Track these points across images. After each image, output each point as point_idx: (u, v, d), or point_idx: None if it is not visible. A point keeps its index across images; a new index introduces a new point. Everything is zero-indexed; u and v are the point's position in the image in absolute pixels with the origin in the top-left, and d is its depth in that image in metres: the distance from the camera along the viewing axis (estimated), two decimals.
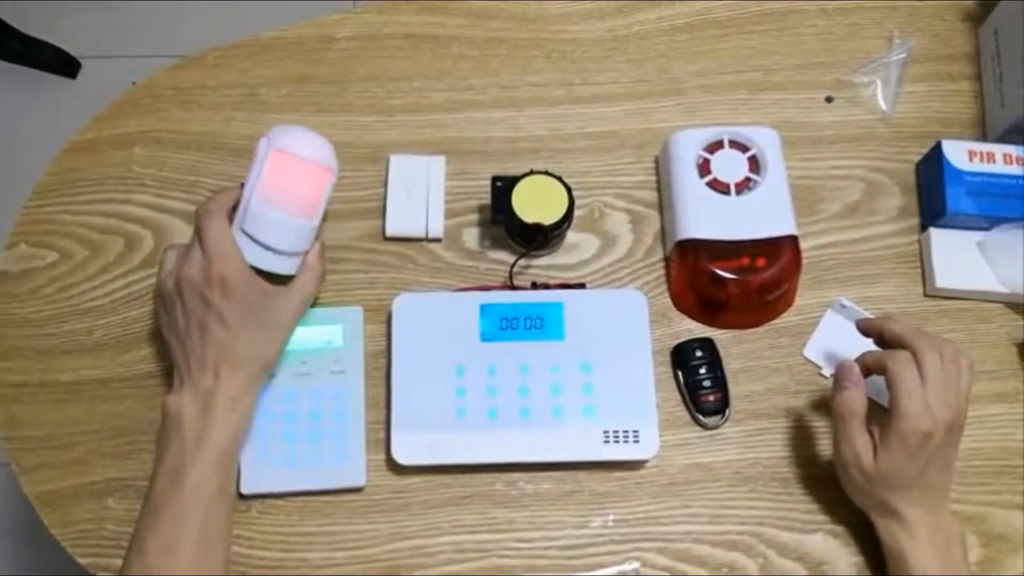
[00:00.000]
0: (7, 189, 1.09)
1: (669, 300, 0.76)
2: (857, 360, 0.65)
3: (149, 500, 0.61)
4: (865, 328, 0.68)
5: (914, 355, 0.62)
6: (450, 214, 0.77)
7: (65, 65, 1.68)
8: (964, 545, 0.64)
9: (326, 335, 0.71)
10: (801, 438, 0.72)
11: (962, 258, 0.75)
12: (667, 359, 0.73)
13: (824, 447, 0.71)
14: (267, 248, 0.64)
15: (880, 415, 0.65)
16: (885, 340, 0.66)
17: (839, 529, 0.69)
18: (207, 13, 1.70)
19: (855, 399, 0.63)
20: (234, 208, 0.65)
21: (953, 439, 0.62)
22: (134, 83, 0.83)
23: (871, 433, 0.63)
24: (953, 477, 0.64)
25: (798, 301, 0.75)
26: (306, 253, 0.68)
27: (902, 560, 0.63)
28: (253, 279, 0.63)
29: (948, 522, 0.64)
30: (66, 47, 1.68)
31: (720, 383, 0.72)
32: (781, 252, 0.72)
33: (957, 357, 0.62)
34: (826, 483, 0.70)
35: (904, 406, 0.61)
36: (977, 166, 0.75)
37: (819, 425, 0.72)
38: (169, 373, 0.72)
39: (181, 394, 0.62)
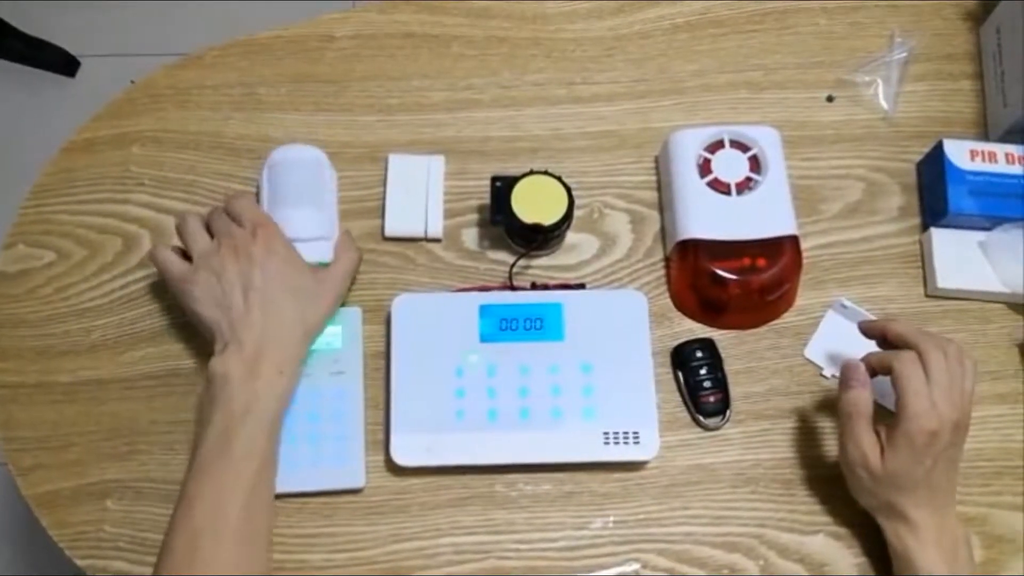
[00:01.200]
0: (5, 188, 1.09)
1: (669, 300, 0.75)
2: (862, 360, 0.65)
3: (196, 462, 0.61)
4: (867, 330, 0.67)
5: (919, 355, 0.62)
6: (449, 214, 0.77)
7: (64, 64, 1.68)
8: (970, 547, 0.64)
9: (325, 336, 0.71)
10: (802, 439, 0.71)
11: (964, 258, 0.75)
12: (667, 360, 0.73)
13: (825, 448, 0.71)
14: (293, 241, 0.69)
15: (885, 417, 0.64)
16: (888, 341, 0.66)
17: (840, 531, 0.69)
18: (206, 12, 1.70)
19: (861, 398, 0.63)
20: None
21: (958, 439, 0.62)
22: (133, 82, 0.82)
23: (877, 433, 0.63)
24: (958, 478, 0.64)
25: (799, 301, 0.75)
26: (331, 241, 0.72)
27: (909, 562, 0.62)
28: (293, 248, 0.67)
29: (954, 524, 0.63)
30: (65, 46, 1.68)
31: (720, 384, 0.71)
32: (782, 252, 0.72)
33: (961, 357, 0.62)
34: (827, 484, 0.70)
35: (911, 405, 0.60)
36: (979, 166, 0.75)
37: (820, 426, 0.72)
38: (168, 374, 0.72)
39: (226, 357, 0.62)
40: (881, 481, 0.63)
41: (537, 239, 0.73)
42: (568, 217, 0.72)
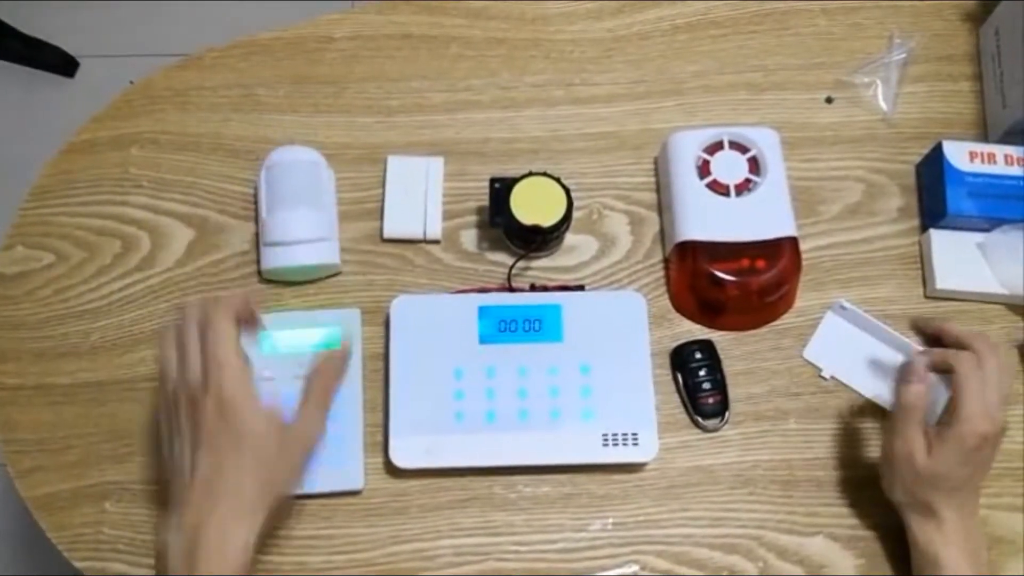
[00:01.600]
0: (4, 189, 1.09)
1: (668, 302, 0.75)
2: (921, 356, 0.65)
3: None
4: (922, 328, 0.68)
5: (977, 357, 0.62)
6: (448, 215, 0.77)
7: (63, 64, 1.67)
8: (987, 552, 0.64)
9: (324, 337, 0.71)
10: (801, 441, 0.71)
11: (963, 259, 0.74)
12: (666, 361, 0.73)
13: (824, 450, 0.71)
14: (292, 243, 0.70)
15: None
16: (943, 341, 0.66)
17: (839, 532, 0.69)
18: (205, 12, 1.69)
19: (920, 394, 0.63)
20: (245, 322, 0.59)
21: (999, 444, 0.63)
22: (132, 82, 0.82)
23: (926, 432, 0.63)
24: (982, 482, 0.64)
25: (798, 303, 0.75)
26: (330, 242, 0.72)
27: (934, 562, 0.63)
28: (254, 400, 0.55)
29: (978, 533, 0.64)
30: (64, 46, 1.68)
31: (720, 385, 0.71)
32: (781, 254, 0.72)
33: (1008, 361, 0.64)
34: (826, 486, 0.70)
35: (968, 406, 0.60)
36: (978, 167, 0.75)
37: (819, 427, 0.72)
38: None
39: (167, 527, 0.54)
40: (923, 479, 0.62)
41: (536, 240, 0.73)
42: (567, 218, 0.72)
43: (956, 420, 0.61)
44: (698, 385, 0.71)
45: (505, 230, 0.75)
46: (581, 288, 0.74)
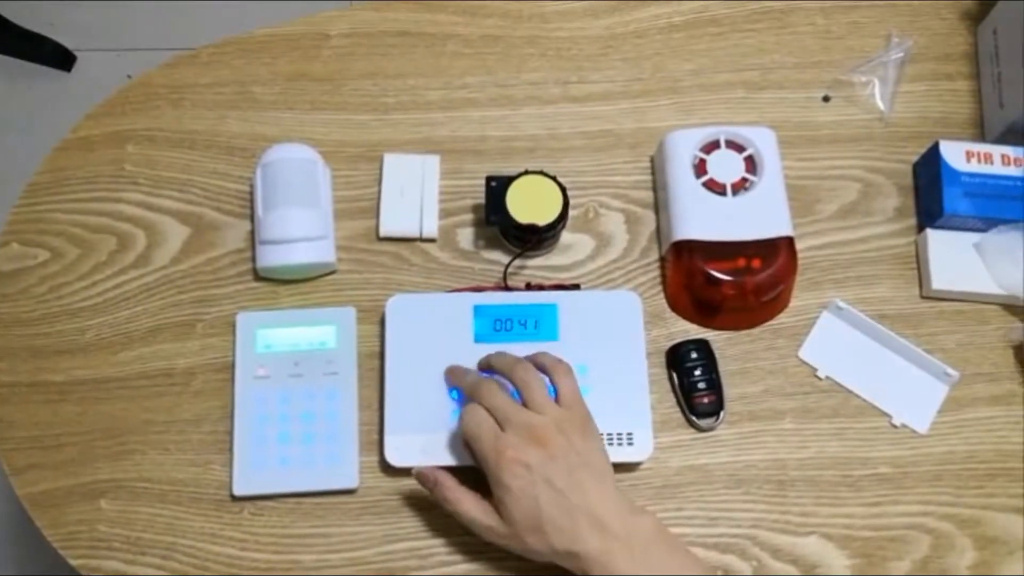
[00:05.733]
0: (1, 185, 1.09)
1: (664, 301, 0.75)
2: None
3: None
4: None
5: (477, 397, 0.62)
6: (444, 214, 0.77)
7: (60, 58, 1.67)
8: (662, 539, 0.58)
9: (319, 336, 0.71)
10: (796, 440, 0.71)
11: (959, 260, 0.74)
12: (662, 360, 0.73)
13: (819, 450, 0.71)
14: (288, 242, 0.71)
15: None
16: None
17: (833, 532, 0.69)
18: (203, 7, 1.69)
19: (448, 495, 0.62)
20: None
21: (570, 444, 0.59)
22: (129, 76, 0.82)
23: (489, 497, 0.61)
24: (606, 479, 0.60)
25: (794, 302, 0.75)
26: (326, 240, 0.73)
27: None
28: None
29: (630, 531, 0.57)
30: (61, 40, 1.67)
31: (715, 385, 0.71)
32: (777, 253, 0.72)
33: (548, 370, 0.63)
34: (821, 486, 0.70)
35: (479, 452, 0.60)
36: (975, 167, 0.75)
37: (814, 427, 0.72)
38: (161, 374, 0.72)
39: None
40: (518, 536, 0.59)
41: (532, 239, 0.73)
42: (563, 217, 0.72)
43: (487, 473, 0.60)
44: (693, 385, 0.71)
45: (501, 229, 0.74)
46: (577, 287, 0.74)
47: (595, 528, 0.57)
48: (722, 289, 0.71)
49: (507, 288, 0.73)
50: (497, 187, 0.72)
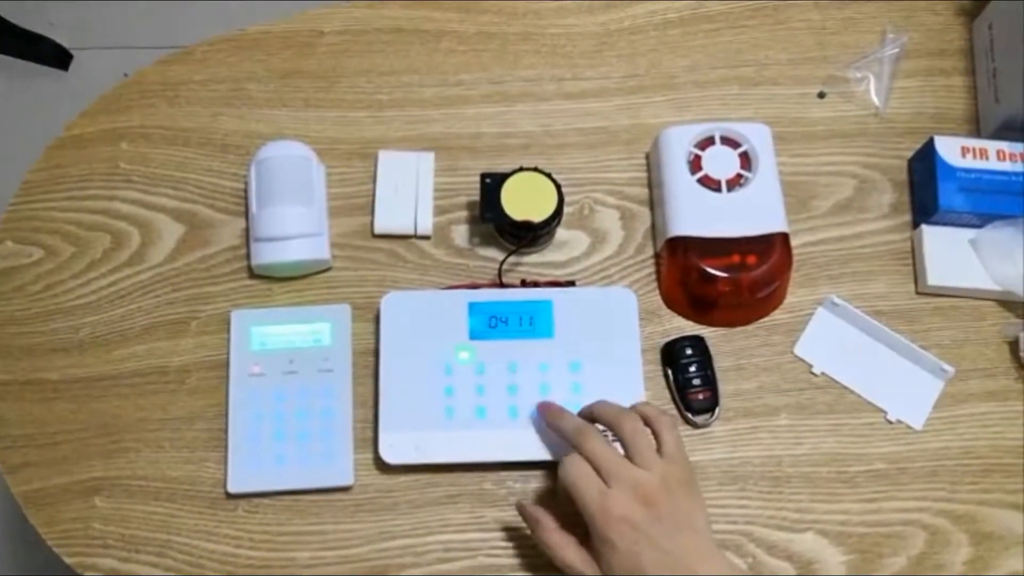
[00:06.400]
0: None
1: (659, 298, 0.75)
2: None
3: None
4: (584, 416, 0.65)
5: (583, 452, 0.60)
6: (439, 211, 0.77)
7: (57, 57, 1.67)
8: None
9: (314, 333, 0.71)
10: (791, 437, 0.71)
11: (954, 255, 0.74)
12: (657, 357, 0.73)
13: (814, 446, 0.71)
14: (283, 239, 0.71)
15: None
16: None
17: (829, 528, 0.69)
18: (200, 5, 1.69)
19: (551, 542, 0.61)
20: None
21: (664, 503, 0.58)
22: (126, 75, 0.82)
23: (585, 543, 0.60)
24: (703, 533, 0.59)
25: (789, 299, 0.75)
26: (321, 237, 0.73)
27: None
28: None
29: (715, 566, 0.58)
30: (58, 39, 1.67)
31: (710, 381, 0.71)
32: (772, 249, 0.71)
33: (652, 422, 0.61)
34: (816, 482, 0.70)
35: (586, 508, 0.58)
36: (970, 162, 0.75)
37: (810, 424, 0.72)
38: (156, 372, 0.72)
39: None
40: None
41: (527, 236, 0.73)
42: (558, 214, 0.72)
43: (589, 525, 0.58)
44: (688, 381, 0.71)
45: (496, 226, 0.74)
46: (572, 284, 0.74)
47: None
48: (717, 285, 0.71)
49: (502, 285, 0.73)
50: (492, 184, 0.72)
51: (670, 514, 0.58)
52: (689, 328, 0.74)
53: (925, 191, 0.76)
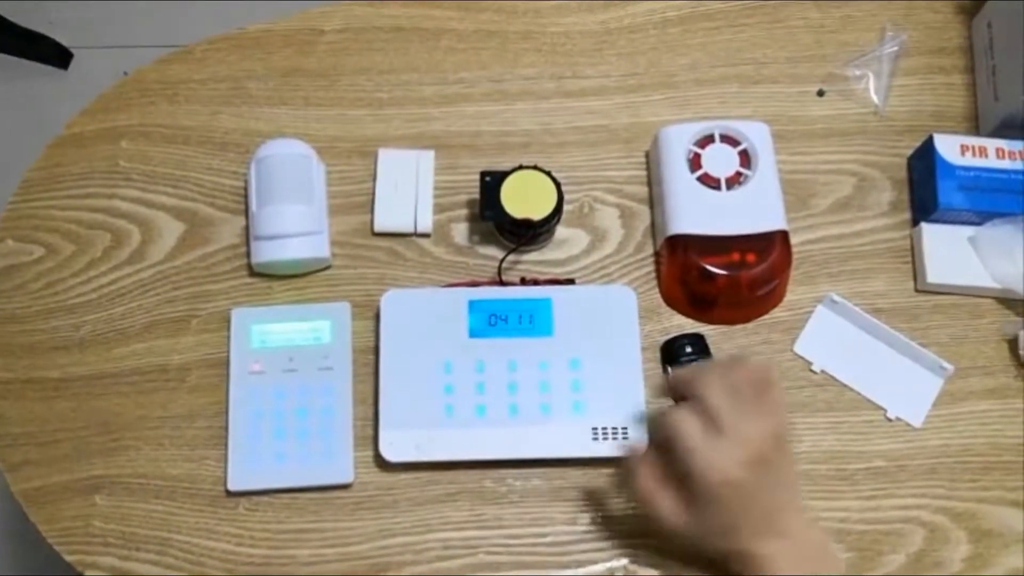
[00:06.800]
0: None
1: (659, 296, 0.75)
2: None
3: None
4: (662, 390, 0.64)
5: (697, 402, 0.57)
6: (439, 209, 0.77)
7: (57, 56, 1.67)
8: (831, 551, 0.62)
9: (314, 331, 0.71)
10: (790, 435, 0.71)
11: (954, 253, 0.74)
12: (657, 355, 0.73)
13: (813, 444, 0.71)
14: (283, 237, 0.71)
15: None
16: (675, 394, 0.62)
17: (828, 526, 0.69)
18: (200, 4, 1.69)
19: (641, 486, 0.60)
20: None
21: (773, 461, 0.57)
22: (126, 73, 0.82)
23: (675, 488, 0.59)
24: (796, 487, 0.61)
25: (789, 296, 0.75)
26: (321, 235, 0.73)
27: None
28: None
29: (806, 537, 0.59)
30: (58, 38, 1.67)
31: None
32: (771, 247, 0.72)
33: (753, 377, 0.58)
34: (815, 480, 0.70)
35: (691, 465, 0.56)
36: (969, 160, 0.75)
37: (809, 421, 0.72)
38: (156, 370, 0.72)
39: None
40: (704, 540, 0.59)
41: (527, 234, 0.73)
42: (558, 212, 0.72)
43: (689, 480, 0.56)
44: None
45: (496, 224, 0.74)
46: (571, 282, 0.74)
47: (776, 536, 0.58)
48: (717, 283, 0.71)
49: (502, 283, 0.73)
50: (492, 182, 0.72)
51: (774, 469, 0.57)
52: (689, 326, 0.74)
53: (924, 189, 0.76)
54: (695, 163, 0.74)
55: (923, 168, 0.76)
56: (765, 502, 0.57)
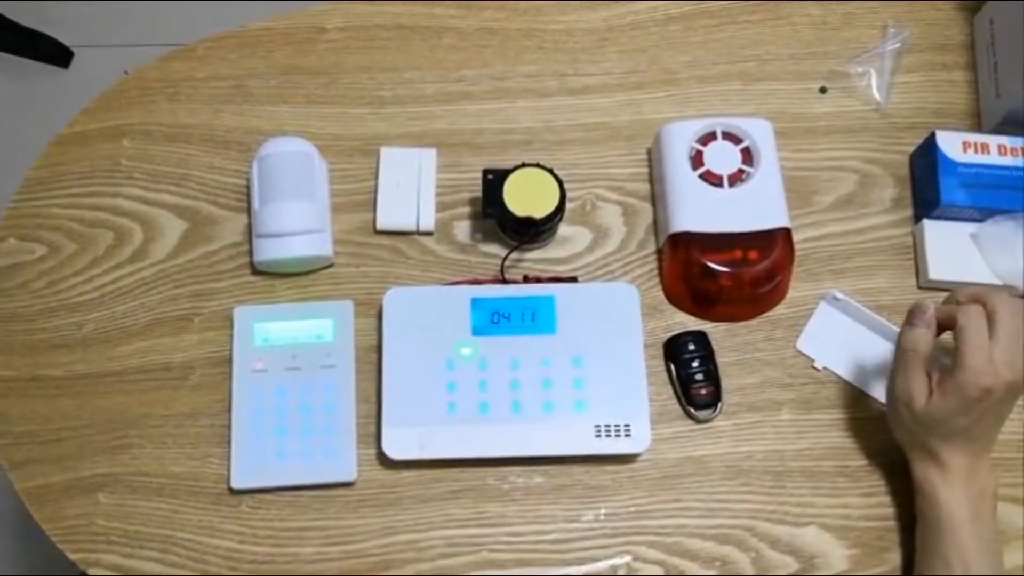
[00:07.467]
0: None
1: (661, 293, 0.75)
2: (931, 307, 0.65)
3: None
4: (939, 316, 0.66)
5: (989, 311, 0.62)
6: (441, 207, 0.77)
7: (58, 54, 1.67)
8: (995, 500, 0.64)
9: (316, 329, 0.71)
10: (794, 431, 0.71)
11: (956, 250, 0.74)
12: (659, 352, 0.73)
13: (816, 440, 0.71)
14: (285, 235, 0.71)
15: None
16: (959, 300, 0.65)
17: (831, 523, 0.69)
18: (200, 2, 1.69)
19: (923, 338, 0.63)
20: None
21: (1012, 397, 0.62)
22: (127, 72, 0.82)
23: (930, 377, 0.63)
24: (1000, 430, 0.64)
25: (791, 293, 0.75)
26: (323, 233, 0.73)
27: (932, 501, 0.63)
28: None
29: (985, 473, 0.64)
30: (59, 36, 1.67)
31: (712, 376, 0.71)
32: (774, 244, 0.72)
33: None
34: (819, 476, 0.70)
35: (968, 357, 0.60)
36: (971, 157, 0.75)
37: (812, 418, 0.72)
38: (159, 368, 0.72)
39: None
40: (921, 422, 0.63)
41: (529, 232, 0.73)
42: (560, 210, 0.72)
43: (957, 370, 0.61)
44: (691, 376, 0.71)
45: (498, 222, 0.74)
46: (574, 280, 0.74)
47: (968, 455, 0.63)
48: (719, 281, 0.71)
49: (504, 281, 0.74)
50: (494, 180, 0.72)
51: (1005, 412, 0.63)
52: (691, 323, 0.74)
53: (926, 186, 0.76)
54: (697, 160, 0.74)
55: (925, 165, 0.76)
56: (983, 427, 0.62)
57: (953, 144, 0.75)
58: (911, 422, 0.64)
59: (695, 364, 0.71)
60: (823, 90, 0.82)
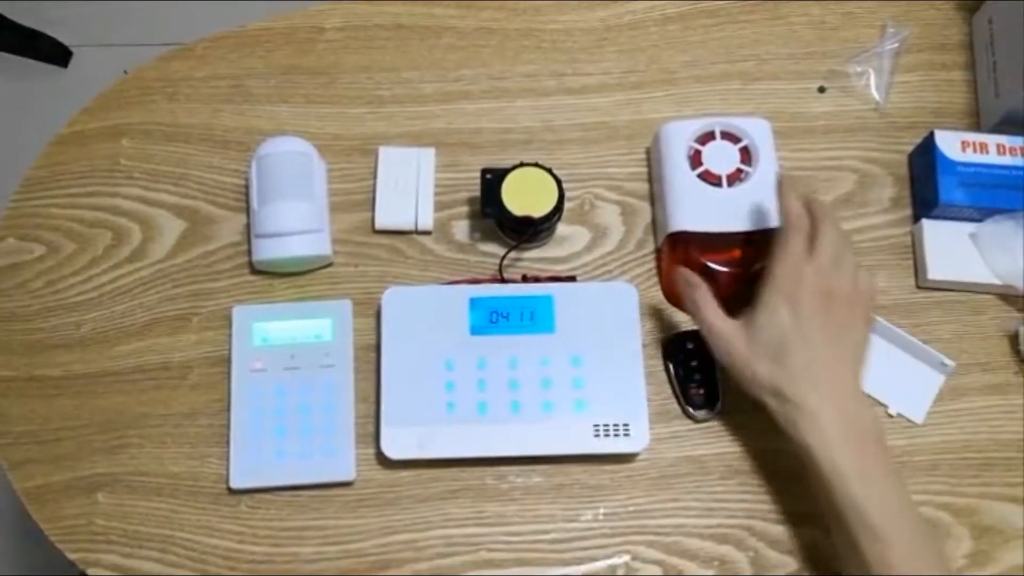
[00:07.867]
0: None
1: (660, 293, 0.75)
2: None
3: None
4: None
5: (813, 227, 0.64)
6: (440, 206, 0.77)
7: (57, 54, 1.67)
8: (882, 442, 0.61)
9: (315, 329, 0.71)
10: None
11: (955, 250, 0.74)
12: (658, 352, 0.73)
13: None
14: (284, 235, 0.71)
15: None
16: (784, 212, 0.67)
17: None
18: (199, 1, 1.69)
19: (694, 277, 0.66)
20: None
21: (850, 318, 0.62)
22: (126, 72, 0.82)
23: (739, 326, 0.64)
24: (861, 370, 0.63)
25: None
26: (322, 233, 0.73)
27: (808, 454, 0.60)
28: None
29: (860, 415, 0.61)
30: (58, 36, 1.67)
31: (711, 376, 0.71)
32: (772, 244, 0.71)
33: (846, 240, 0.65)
34: None
35: (776, 265, 0.63)
36: (970, 156, 0.75)
37: None
38: (157, 368, 0.72)
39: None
40: (749, 359, 0.62)
41: (528, 231, 0.73)
42: (558, 209, 0.72)
43: (768, 278, 0.63)
44: (689, 376, 0.71)
45: (497, 221, 0.74)
46: (573, 279, 0.74)
47: (820, 391, 0.61)
48: (717, 280, 0.71)
49: (503, 280, 0.74)
50: (492, 179, 0.72)
51: (846, 322, 0.62)
52: (690, 323, 0.74)
53: (925, 185, 0.76)
54: (696, 160, 0.74)
55: (924, 164, 0.76)
56: (825, 353, 0.61)
57: (952, 144, 0.75)
58: (751, 369, 0.63)
59: (693, 363, 0.71)
60: (822, 90, 0.82)
